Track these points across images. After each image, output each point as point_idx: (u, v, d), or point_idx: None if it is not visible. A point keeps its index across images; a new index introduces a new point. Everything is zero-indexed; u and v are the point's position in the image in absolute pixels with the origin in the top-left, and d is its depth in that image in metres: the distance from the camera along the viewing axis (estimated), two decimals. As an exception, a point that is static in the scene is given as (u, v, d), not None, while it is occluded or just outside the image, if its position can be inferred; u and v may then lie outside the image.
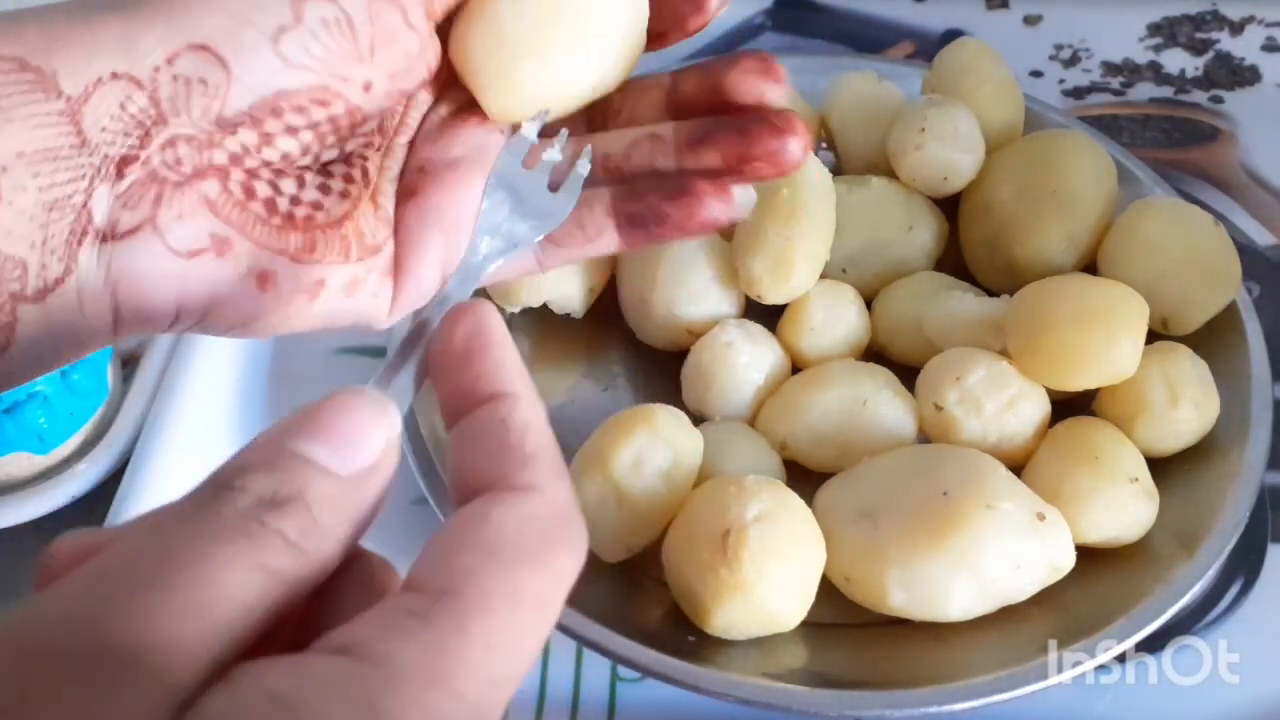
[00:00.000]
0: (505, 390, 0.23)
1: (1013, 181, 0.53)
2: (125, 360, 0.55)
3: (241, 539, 0.20)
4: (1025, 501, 0.43)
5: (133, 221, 0.29)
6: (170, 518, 0.20)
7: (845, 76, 0.58)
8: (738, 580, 0.41)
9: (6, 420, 0.48)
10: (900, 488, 0.44)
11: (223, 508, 0.20)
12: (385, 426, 0.23)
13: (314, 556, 0.21)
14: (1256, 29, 0.72)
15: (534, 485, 0.22)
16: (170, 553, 0.20)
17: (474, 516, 0.22)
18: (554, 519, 0.22)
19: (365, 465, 0.22)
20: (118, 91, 0.28)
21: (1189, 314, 0.50)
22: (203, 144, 0.30)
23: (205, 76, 0.29)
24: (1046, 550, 0.43)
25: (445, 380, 0.24)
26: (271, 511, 0.20)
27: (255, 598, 0.20)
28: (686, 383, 0.51)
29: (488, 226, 0.31)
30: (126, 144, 0.29)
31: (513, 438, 0.23)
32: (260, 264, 0.31)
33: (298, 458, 0.21)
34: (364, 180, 0.33)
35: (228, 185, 0.30)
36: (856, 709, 0.41)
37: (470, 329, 0.24)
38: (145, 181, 0.29)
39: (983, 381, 0.47)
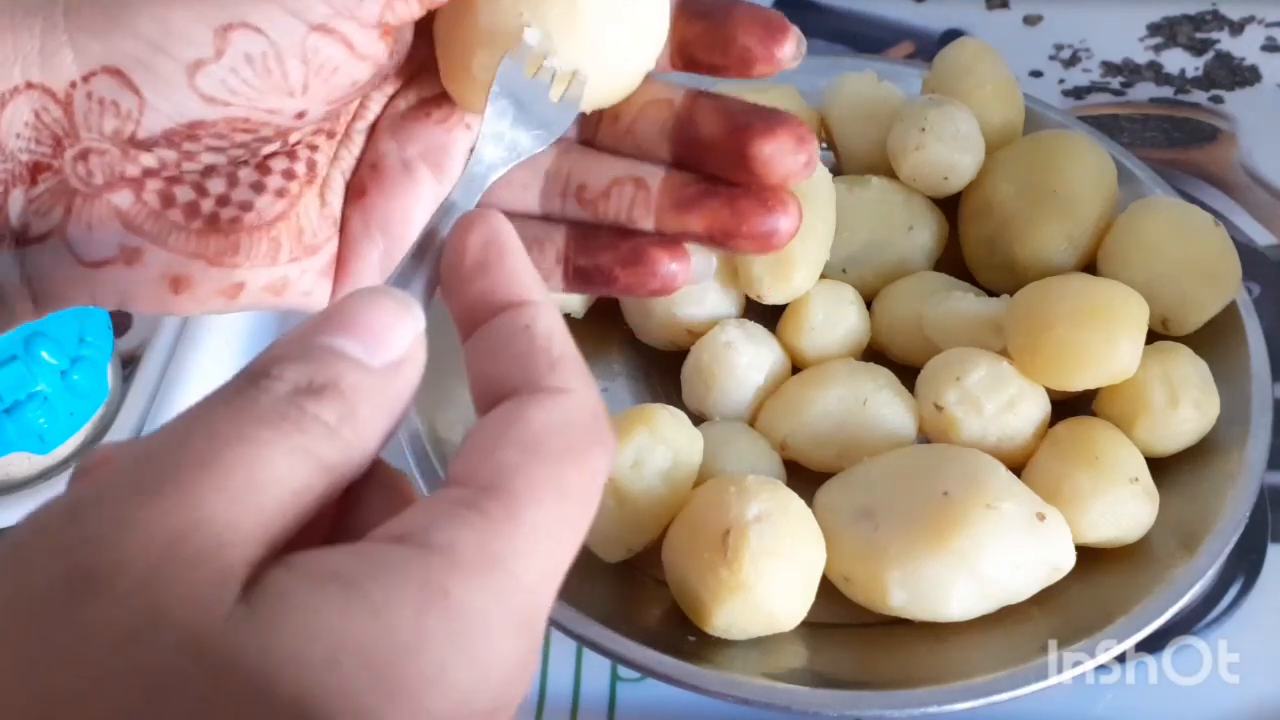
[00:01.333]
0: (525, 298, 0.23)
1: (1013, 181, 0.53)
2: (125, 360, 0.55)
3: (283, 423, 0.20)
4: (1025, 501, 0.43)
5: (42, 228, 0.29)
6: (208, 406, 0.20)
7: (845, 76, 0.58)
8: (738, 580, 0.41)
9: (6, 420, 0.48)
10: (900, 488, 0.44)
11: (261, 395, 0.20)
12: (412, 322, 0.23)
13: (354, 445, 0.21)
14: (1256, 29, 0.72)
15: (565, 387, 0.22)
16: (215, 433, 0.19)
17: (511, 416, 0.22)
18: (588, 419, 0.22)
19: (396, 357, 0.22)
20: (33, 100, 0.28)
21: (1189, 314, 0.50)
22: (115, 158, 0.29)
23: (118, 100, 0.28)
24: (1046, 550, 0.43)
25: (460, 290, 0.24)
26: (310, 398, 0.20)
27: (301, 481, 0.20)
28: (686, 383, 0.51)
29: (491, 134, 0.30)
30: (39, 151, 0.29)
31: (539, 343, 0.23)
32: (174, 269, 0.30)
33: (330, 350, 0.21)
34: (308, 175, 0.32)
35: (141, 196, 0.30)
36: (856, 709, 0.41)
37: (484, 237, 0.24)
38: (56, 191, 0.29)
39: (983, 381, 0.47)
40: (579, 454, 0.22)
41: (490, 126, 0.30)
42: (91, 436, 0.51)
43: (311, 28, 0.28)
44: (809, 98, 0.58)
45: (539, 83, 0.31)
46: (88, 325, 0.51)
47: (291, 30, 0.28)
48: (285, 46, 0.28)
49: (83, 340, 0.50)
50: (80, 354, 0.50)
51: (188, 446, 0.19)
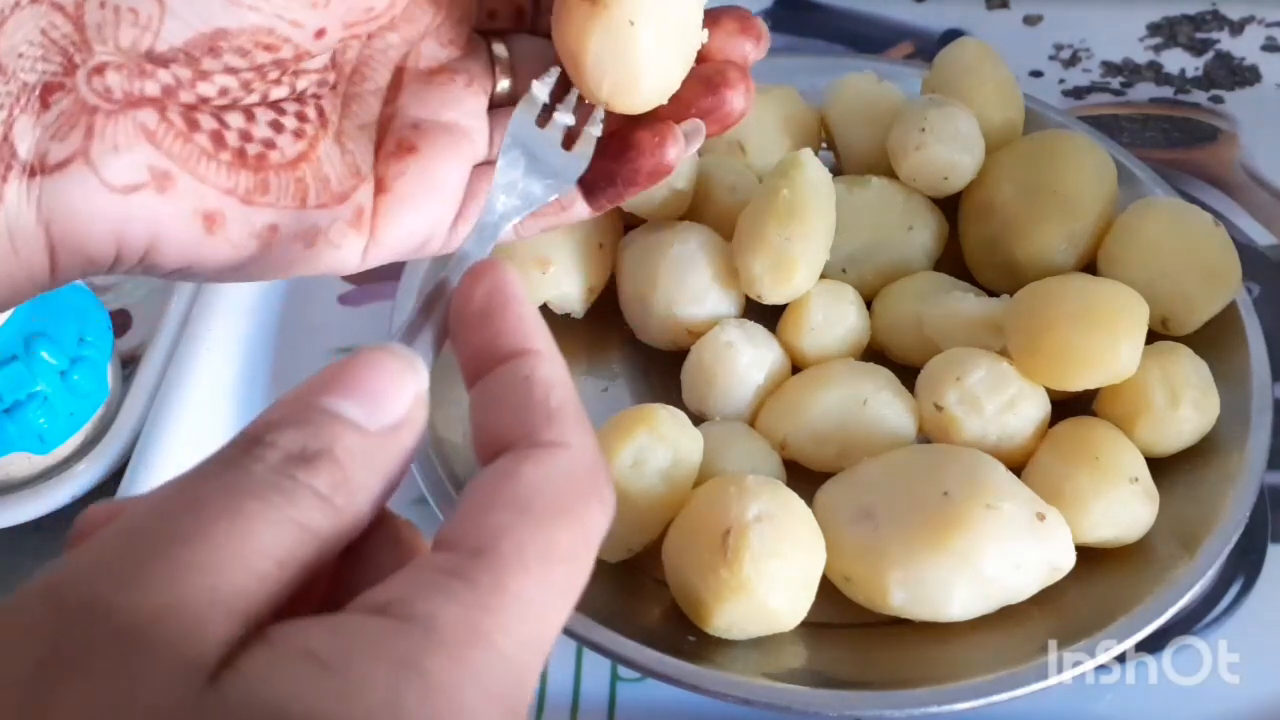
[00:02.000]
0: (527, 347, 0.23)
1: (1013, 181, 0.53)
2: (125, 360, 0.55)
3: (273, 494, 0.20)
4: (1025, 501, 0.43)
5: (63, 154, 0.27)
6: (200, 475, 0.20)
7: (845, 77, 0.58)
8: (738, 580, 0.41)
9: (6, 420, 0.48)
10: (900, 488, 0.44)
11: (253, 464, 0.20)
12: (413, 381, 0.22)
13: (346, 512, 0.21)
14: (1256, 29, 0.72)
15: (561, 441, 0.22)
16: (202, 506, 0.19)
17: (503, 473, 0.21)
18: (583, 474, 0.22)
19: (395, 420, 0.22)
20: (38, 16, 0.26)
21: (1189, 314, 0.50)
22: (133, 73, 0.27)
23: (136, 7, 0.27)
24: (1046, 550, 0.43)
25: (465, 339, 0.24)
26: (302, 466, 0.20)
27: (288, 552, 0.20)
28: (686, 383, 0.51)
29: (504, 185, 0.30)
30: (47, 70, 0.27)
31: (537, 394, 0.22)
32: (207, 203, 0.29)
33: (327, 413, 0.21)
34: (320, 120, 0.31)
35: (166, 115, 0.28)
36: (856, 709, 0.41)
37: (490, 286, 0.24)
38: (74, 111, 0.27)
39: (983, 381, 0.47)
40: (571, 512, 0.21)
41: (503, 176, 0.30)
42: (91, 436, 0.51)
43: None
44: (809, 97, 0.58)
45: (551, 133, 0.32)
46: (88, 325, 0.51)
47: None
48: None
49: (83, 340, 0.50)
50: (80, 354, 0.50)
51: (174, 521, 0.19)
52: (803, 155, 0.50)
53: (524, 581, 0.20)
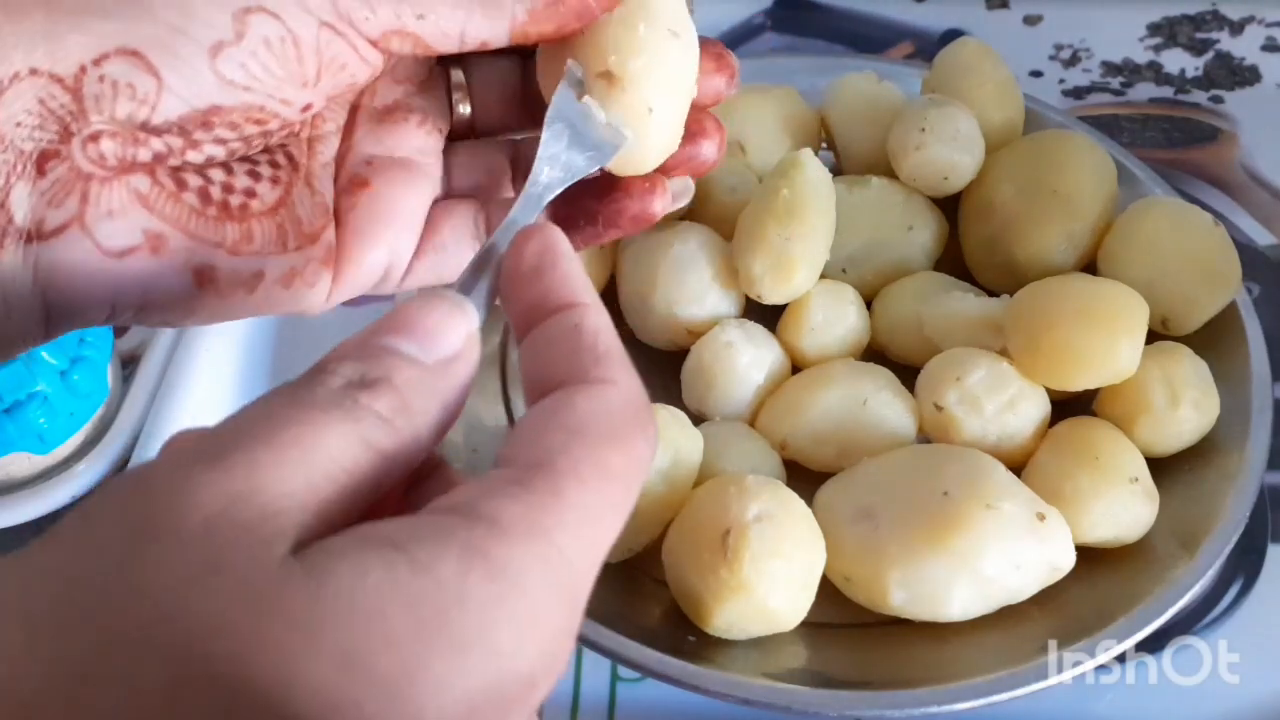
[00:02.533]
0: (576, 300, 0.24)
1: (1013, 181, 0.53)
2: (125, 360, 0.55)
3: (337, 410, 0.21)
4: (1025, 501, 0.43)
5: (59, 220, 0.28)
6: (270, 396, 0.22)
7: (845, 77, 0.58)
8: (738, 580, 0.41)
9: (6, 420, 0.48)
10: (900, 488, 0.44)
11: (317, 387, 0.22)
12: (464, 321, 0.24)
13: (406, 434, 0.22)
14: (1256, 29, 0.72)
15: (611, 379, 0.23)
16: (273, 415, 0.21)
17: (558, 403, 0.23)
18: (631, 407, 0.23)
19: (448, 354, 0.23)
20: (37, 88, 0.27)
21: (1189, 314, 0.50)
22: (127, 141, 0.28)
23: (134, 82, 0.28)
24: (1046, 550, 0.43)
25: (517, 295, 0.25)
26: (363, 390, 0.22)
27: (353, 461, 0.21)
28: (686, 383, 0.51)
29: (547, 156, 0.31)
30: (44, 139, 0.27)
31: (586, 339, 0.24)
32: (197, 259, 0.30)
33: (385, 348, 0.23)
34: (290, 165, 0.32)
35: (157, 178, 0.29)
36: (856, 709, 0.41)
37: (540, 246, 0.25)
38: (69, 178, 0.28)
39: (983, 381, 0.47)
40: (622, 438, 0.22)
41: (547, 149, 0.31)
42: (91, 436, 0.51)
43: (321, 23, 0.29)
44: (809, 98, 0.58)
45: (591, 109, 0.32)
46: (88, 325, 0.51)
47: (306, 22, 0.29)
48: (302, 36, 0.29)
49: (83, 340, 0.50)
50: (80, 354, 0.50)
51: (248, 426, 0.21)
52: (803, 155, 0.50)
53: (579, 491, 0.21)
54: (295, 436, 0.20)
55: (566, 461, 0.22)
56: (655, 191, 0.34)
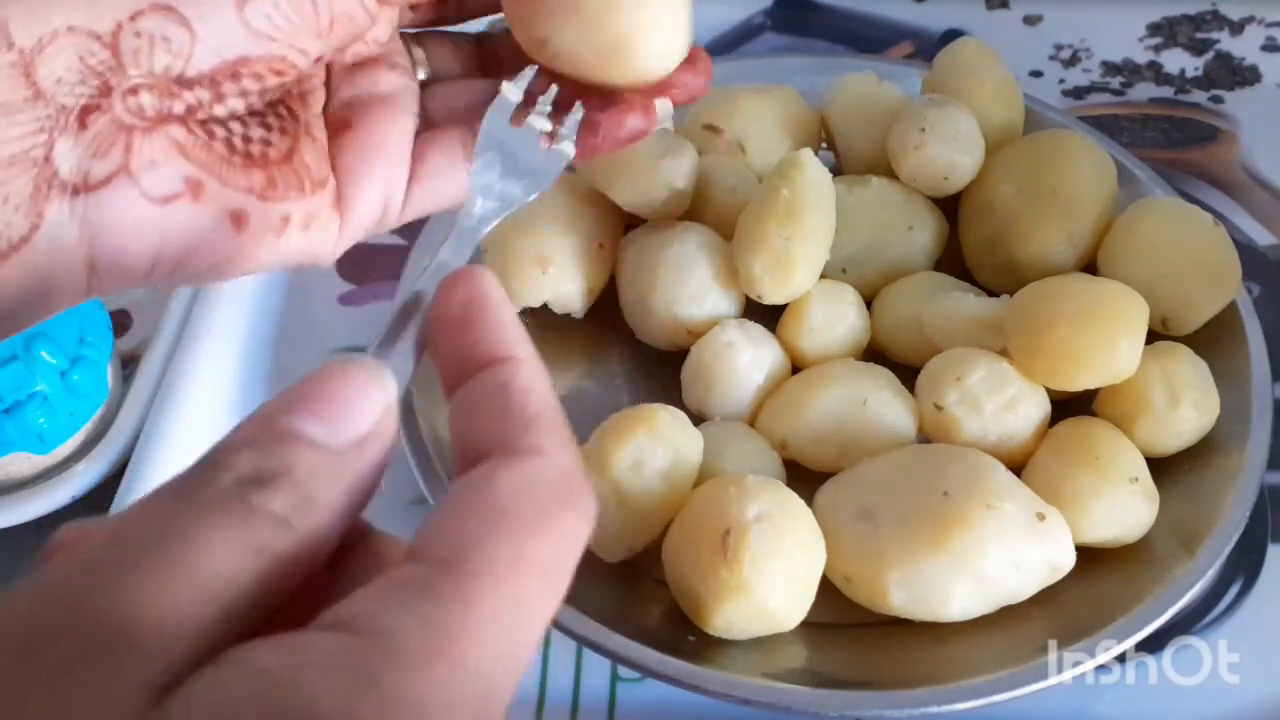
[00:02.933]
0: (505, 354, 0.23)
1: (1013, 181, 0.53)
2: (125, 360, 0.55)
3: (226, 516, 0.19)
4: (1025, 501, 0.43)
5: (105, 171, 0.29)
6: (158, 500, 0.20)
7: (845, 77, 0.58)
8: (738, 580, 0.41)
9: (6, 420, 0.48)
10: (900, 488, 0.44)
11: (208, 487, 0.20)
12: (379, 393, 0.22)
13: (304, 532, 0.20)
14: (1256, 29, 0.72)
15: (538, 449, 0.21)
16: (153, 533, 0.19)
17: (477, 482, 0.21)
18: (559, 482, 0.21)
19: (358, 435, 0.21)
20: (76, 45, 0.28)
21: (1189, 314, 0.50)
22: (163, 93, 0.29)
23: (169, 35, 0.29)
24: (1046, 550, 0.43)
25: (444, 346, 0.24)
26: (256, 489, 0.20)
27: (242, 573, 0.19)
28: (686, 383, 0.51)
29: (480, 187, 0.30)
30: (85, 94, 0.28)
31: (514, 401, 0.22)
32: (232, 204, 0.31)
33: (286, 432, 0.21)
34: (292, 116, 0.33)
35: (191, 129, 0.30)
36: (856, 709, 0.41)
37: (467, 294, 0.24)
38: (112, 130, 0.29)
39: (983, 381, 0.47)
40: (546, 520, 0.21)
41: (479, 179, 0.30)
42: (91, 436, 0.51)
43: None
44: (809, 98, 0.58)
45: (527, 132, 0.32)
46: (88, 325, 0.51)
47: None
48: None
49: (83, 340, 0.50)
50: (80, 354, 0.50)
51: (126, 545, 0.19)
52: (803, 155, 0.50)
53: (493, 594, 0.19)
54: (174, 557, 0.19)
55: (479, 560, 0.19)
56: (651, 109, 0.35)
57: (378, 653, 0.18)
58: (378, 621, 0.19)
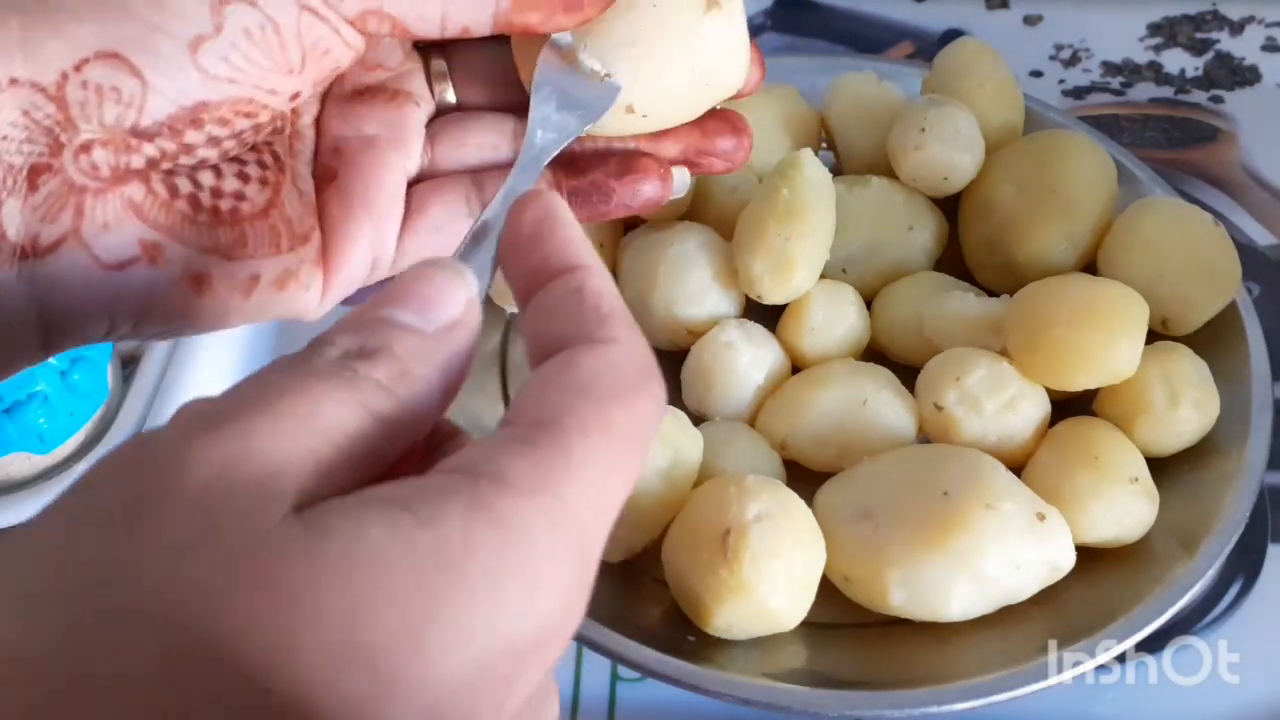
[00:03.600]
0: (577, 263, 0.24)
1: (1013, 181, 0.53)
2: (125, 360, 0.55)
3: (335, 379, 0.21)
4: (1025, 501, 0.43)
5: (55, 235, 0.27)
6: (272, 366, 0.22)
7: (845, 76, 0.58)
8: (738, 580, 0.41)
9: (6, 420, 0.48)
10: (900, 487, 0.44)
11: (314, 359, 0.21)
12: (463, 287, 0.24)
13: (407, 400, 0.22)
14: (1256, 29, 0.72)
15: (615, 337, 0.23)
16: (271, 384, 0.21)
17: (562, 364, 0.23)
18: (635, 365, 0.23)
19: (448, 320, 0.23)
20: (19, 99, 0.27)
21: (1189, 314, 0.50)
22: (119, 149, 0.28)
23: (118, 85, 0.27)
24: (1046, 550, 0.43)
25: (517, 262, 0.25)
26: (361, 360, 0.21)
27: (354, 426, 0.21)
28: (686, 383, 0.51)
29: (539, 119, 0.31)
30: (33, 152, 0.27)
31: (589, 301, 0.23)
32: (193, 266, 0.29)
33: (383, 319, 0.22)
34: (277, 165, 0.32)
35: (151, 187, 0.29)
36: (856, 709, 0.41)
37: (538, 213, 0.25)
38: (62, 191, 0.27)
39: (983, 381, 0.47)
40: (627, 395, 0.22)
41: (537, 112, 0.31)
42: (91, 436, 0.51)
43: (301, 7, 0.29)
44: (809, 98, 0.58)
45: (585, 65, 0.32)
46: (88, 325, 0.51)
47: (283, 7, 0.29)
48: (282, 22, 0.29)
49: (83, 340, 0.50)
50: (80, 354, 0.50)
51: (247, 396, 0.21)
52: (802, 155, 0.50)
53: (585, 448, 0.21)
54: (292, 404, 0.20)
55: (572, 419, 0.21)
56: (669, 176, 0.35)
57: (489, 485, 0.20)
58: (487, 464, 0.20)
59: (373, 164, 0.33)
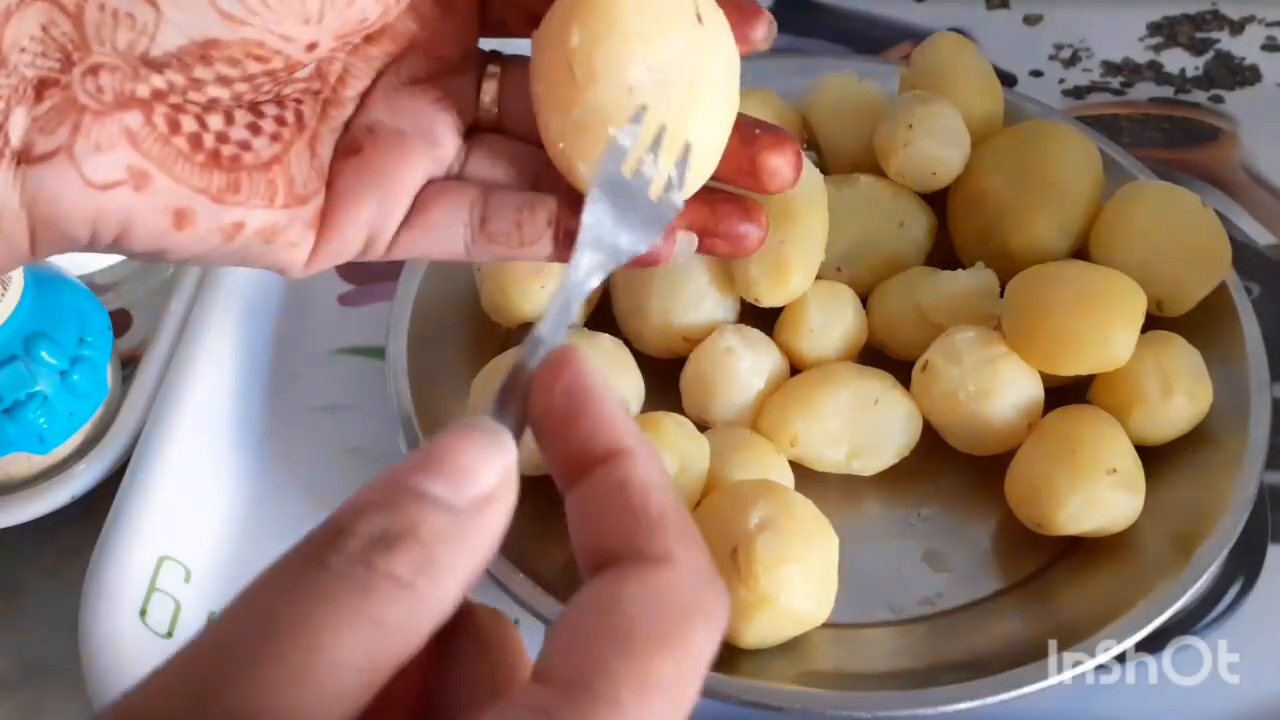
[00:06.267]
0: (618, 447, 0.22)
1: (1002, 172, 0.53)
2: (125, 360, 0.55)
3: (346, 593, 0.19)
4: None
5: (48, 147, 0.28)
6: (280, 572, 0.20)
7: (826, 77, 0.58)
8: (758, 595, 0.40)
9: (6, 420, 0.48)
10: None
11: (332, 556, 0.20)
12: (500, 455, 0.22)
13: (428, 596, 0.20)
14: (1256, 29, 0.72)
15: (665, 555, 0.21)
16: (275, 618, 0.19)
17: (605, 598, 0.21)
18: (689, 591, 0.21)
19: (481, 494, 0.21)
20: (40, 14, 0.27)
21: (1183, 294, 0.50)
22: (127, 75, 0.29)
23: (133, 12, 0.28)
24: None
25: (554, 443, 0.23)
26: (382, 552, 0.20)
27: (365, 656, 0.19)
28: (686, 390, 0.50)
29: (590, 240, 0.28)
30: (45, 66, 0.28)
31: (635, 501, 0.22)
32: (179, 201, 0.30)
33: (412, 493, 0.21)
34: (297, 124, 0.32)
35: (151, 118, 0.29)
36: (856, 709, 0.41)
37: (570, 384, 0.23)
38: (64, 107, 0.28)
39: (970, 341, 0.47)
40: (675, 638, 0.20)
41: (590, 233, 0.28)
42: (91, 436, 0.51)
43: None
44: (787, 99, 0.58)
45: (638, 181, 0.30)
46: (88, 325, 0.51)
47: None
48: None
49: (83, 340, 0.50)
50: (80, 354, 0.50)
51: (249, 636, 0.19)
52: (794, 156, 0.49)
53: (615, 715, 0.19)
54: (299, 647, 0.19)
55: (605, 684, 0.19)
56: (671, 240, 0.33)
57: None
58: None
59: (401, 154, 0.33)
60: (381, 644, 0.19)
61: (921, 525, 0.49)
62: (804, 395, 0.48)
